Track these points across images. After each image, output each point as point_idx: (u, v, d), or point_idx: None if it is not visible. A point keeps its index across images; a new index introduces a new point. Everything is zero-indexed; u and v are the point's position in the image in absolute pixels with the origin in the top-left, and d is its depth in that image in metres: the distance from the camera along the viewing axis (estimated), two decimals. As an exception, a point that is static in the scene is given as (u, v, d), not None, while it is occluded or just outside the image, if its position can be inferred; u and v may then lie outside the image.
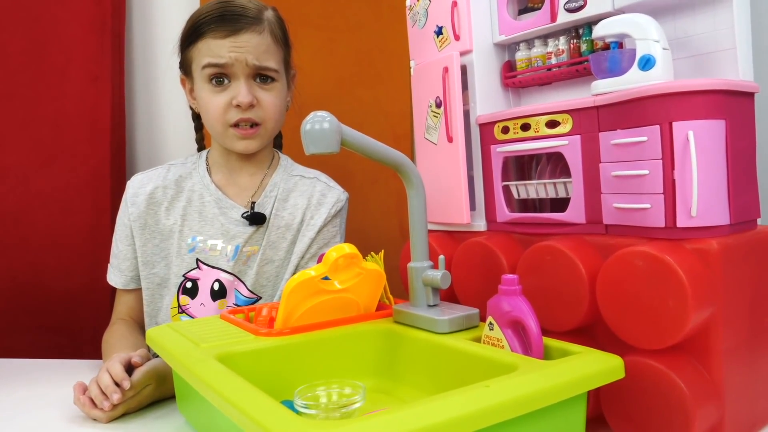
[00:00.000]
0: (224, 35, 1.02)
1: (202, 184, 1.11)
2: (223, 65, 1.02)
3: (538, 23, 0.80)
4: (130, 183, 1.13)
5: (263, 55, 1.04)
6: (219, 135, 1.07)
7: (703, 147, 0.62)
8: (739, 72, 0.66)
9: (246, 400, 0.51)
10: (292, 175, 1.14)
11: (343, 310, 0.77)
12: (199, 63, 1.04)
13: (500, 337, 0.65)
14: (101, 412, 0.77)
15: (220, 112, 1.04)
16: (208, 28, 1.03)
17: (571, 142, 0.72)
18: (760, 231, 0.68)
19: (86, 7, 1.51)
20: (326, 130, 0.64)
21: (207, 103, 1.05)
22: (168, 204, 1.10)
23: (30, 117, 1.49)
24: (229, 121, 1.04)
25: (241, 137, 1.05)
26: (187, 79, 1.11)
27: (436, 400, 0.50)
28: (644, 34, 0.66)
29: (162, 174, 1.13)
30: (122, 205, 1.12)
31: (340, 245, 0.73)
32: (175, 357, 0.67)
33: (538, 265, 0.72)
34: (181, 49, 1.09)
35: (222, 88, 1.04)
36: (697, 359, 0.62)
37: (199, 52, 1.04)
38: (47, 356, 1.18)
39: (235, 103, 1.03)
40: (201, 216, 1.09)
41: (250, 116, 1.04)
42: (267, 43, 1.05)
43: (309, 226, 1.10)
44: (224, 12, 1.03)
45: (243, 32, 1.02)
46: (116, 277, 1.12)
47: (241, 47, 1.02)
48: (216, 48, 1.02)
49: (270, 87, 1.07)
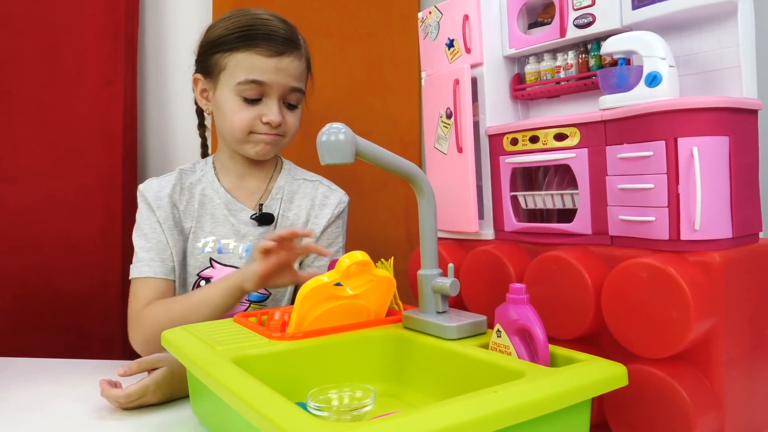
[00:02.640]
0: (270, 54, 1.05)
1: (212, 188, 1.14)
2: (262, 83, 1.05)
3: (548, 38, 0.82)
4: (146, 187, 1.14)
5: (298, 78, 1.10)
6: (238, 141, 1.10)
7: (707, 162, 0.63)
8: (743, 89, 0.68)
9: (263, 401, 0.53)
10: (295, 178, 1.19)
11: (355, 316, 0.79)
12: (235, 74, 1.06)
13: (508, 344, 0.67)
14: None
15: (246, 123, 1.07)
16: (253, 43, 1.05)
17: (579, 154, 0.74)
18: (761, 244, 0.69)
19: (100, 12, 1.53)
20: (342, 141, 0.66)
21: (233, 113, 1.07)
22: (184, 207, 1.13)
23: (43, 120, 1.52)
24: (253, 129, 1.08)
25: (263, 141, 1.09)
26: (205, 80, 1.12)
27: (447, 404, 0.51)
28: (651, 51, 0.68)
29: (175, 179, 1.15)
30: (145, 210, 1.12)
31: (353, 252, 0.75)
32: (191, 359, 0.69)
33: (545, 274, 0.74)
34: (210, 51, 1.09)
35: (253, 104, 1.07)
36: (699, 368, 0.64)
37: (238, 63, 1.06)
38: (58, 356, 1.20)
39: (265, 121, 1.07)
40: (213, 218, 1.13)
41: (275, 132, 1.09)
42: (303, 68, 1.11)
43: (313, 226, 1.14)
44: (267, 31, 1.06)
45: (287, 55, 1.07)
46: (158, 266, 1.08)
47: (283, 69, 1.06)
48: (260, 65, 1.05)
49: (294, 110, 1.12)
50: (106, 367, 1.05)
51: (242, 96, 1.06)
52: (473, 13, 0.85)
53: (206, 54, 1.10)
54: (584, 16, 0.77)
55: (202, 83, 1.13)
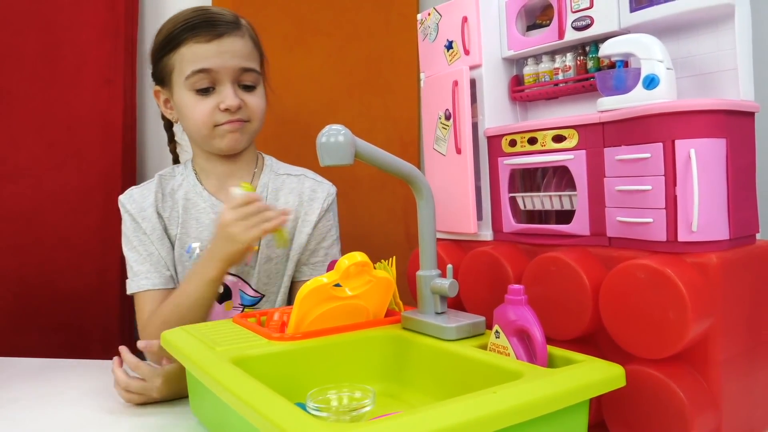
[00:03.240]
0: (208, 39, 1.03)
1: (194, 192, 1.12)
2: (209, 70, 1.03)
3: (546, 40, 0.83)
4: (128, 199, 1.11)
5: (247, 58, 1.07)
6: (204, 138, 1.08)
7: (704, 164, 0.64)
8: (740, 92, 0.68)
9: (263, 402, 0.54)
10: (278, 174, 1.17)
11: (354, 316, 0.79)
12: (183, 71, 1.04)
13: (506, 345, 0.67)
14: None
15: (206, 115, 1.05)
16: (191, 33, 1.03)
17: (577, 156, 0.74)
18: (758, 246, 0.70)
19: (99, 11, 1.54)
20: (341, 143, 0.66)
21: (191, 109, 1.06)
22: (168, 215, 1.11)
23: (43, 119, 1.52)
24: (216, 122, 1.06)
25: (229, 130, 1.06)
26: (163, 90, 1.11)
27: (446, 404, 0.52)
28: (649, 54, 0.68)
29: (156, 186, 1.13)
30: (130, 222, 1.10)
31: (352, 254, 0.75)
32: (191, 360, 0.69)
33: (543, 275, 0.74)
34: (157, 59, 1.09)
35: (207, 95, 1.05)
36: (696, 369, 0.64)
37: (182, 58, 1.04)
38: (57, 354, 1.20)
39: (223, 108, 1.04)
40: (198, 223, 1.10)
41: (238, 116, 1.06)
42: (249, 46, 1.08)
43: (305, 222, 1.13)
44: (205, 17, 1.05)
45: (226, 36, 1.04)
46: (155, 278, 1.07)
47: (226, 51, 1.04)
48: (201, 52, 1.03)
49: (253, 91, 1.09)
50: (105, 367, 1.05)
51: (194, 89, 1.04)
52: (472, 15, 0.86)
53: (156, 62, 1.09)
54: (582, 18, 0.77)
55: (162, 93, 1.12)
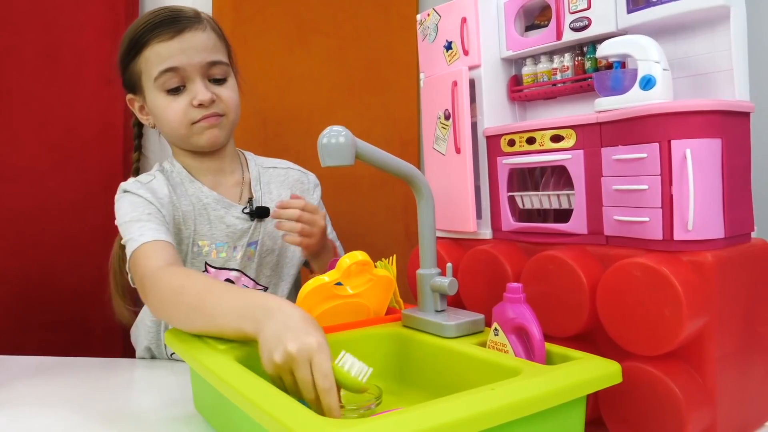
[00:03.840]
0: (170, 36, 1.01)
1: (194, 188, 1.10)
2: (176, 68, 1.01)
3: (544, 40, 0.83)
4: (136, 187, 1.02)
5: (212, 50, 1.05)
6: (183, 137, 1.06)
7: (699, 164, 0.65)
8: (736, 92, 0.69)
9: (267, 399, 0.55)
10: (264, 167, 1.18)
11: (355, 315, 0.80)
12: (150, 73, 1.02)
13: (505, 343, 0.68)
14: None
15: (181, 114, 1.03)
16: (152, 34, 1.01)
17: (575, 156, 0.75)
18: (753, 244, 0.71)
19: (99, 11, 1.54)
20: (342, 144, 0.67)
21: (165, 110, 1.04)
22: (184, 209, 1.07)
23: (44, 119, 1.53)
24: (192, 119, 1.04)
25: (207, 126, 1.04)
26: (136, 97, 1.09)
27: (445, 401, 0.53)
28: (645, 55, 0.69)
29: (164, 179, 1.08)
30: (141, 202, 0.99)
31: (353, 252, 0.76)
32: (195, 358, 0.70)
33: (541, 273, 0.75)
34: (125, 66, 1.07)
35: (178, 94, 1.03)
36: (692, 365, 0.65)
37: (147, 61, 1.03)
38: (59, 353, 1.20)
39: (196, 103, 1.02)
40: (209, 220, 1.08)
41: (214, 110, 1.05)
42: (213, 38, 1.06)
43: None
44: (164, 16, 1.03)
45: (187, 31, 1.02)
46: (164, 234, 0.94)
47: (190, 47, 1.02)
48: (165, 51, 1.01)
49: (224, 84, 1.07)
50: (107, 365, 1.06)
51: (165, 90, 1.03)
52: (471, 16, 0.86)
53: (125, 70, 1.07)
54: (580, 19, 0.78)
55: (136, 101, 1.10)
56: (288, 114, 1.55)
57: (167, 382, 0.98)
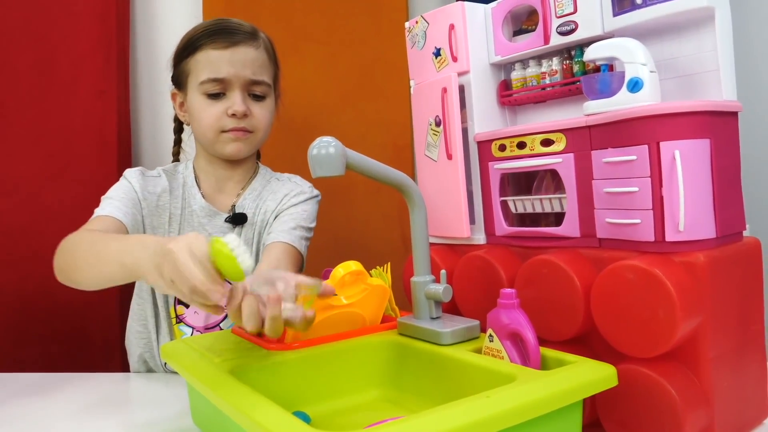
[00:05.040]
0: (224, 46, 1.07)
1: (189, 194, 1.15)
2: (221, 80, 1.07)
3: (532, 45, 0.84)
4: (136, 178, 1.10)
5: (259, 69, 1.10)
6: (210, 141, 1.11)
7: (689, 165, 0.65)
8: (723, 92, 0.70)
9: (260, 412, 0.55)
10: (268, 180, 1.21)
11: (350, 324, 0.80)
12: (197, 76, 1.08)
13: (500, 349, 0.68)
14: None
15: (214, 119, 1.09)
16: (208, 40, 1.07)
17: (565, 159, 0.75)
18: (745, 243, 0.71)
19: (92, 23, 1.55)
20: (332, 154, 0.68)
21: (201, 112, 1.09)
22: (168, 213, 1.13)
23: (39, 131, 1.53)
24: (222, 127, 1.09)
25: (234, 138, 1.10)
26: (180, 93, 1.15)
27: (439, 411, 0.53)
28: (632, 57, 0.70)
29: (165, 182, 1.14)
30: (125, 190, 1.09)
31: (347, 263, 0.77)
32: (190, 372, 0.70)
33: (535, 277, 0.75)
34: (177, 63, 1.13)
35: (217, 100, 1.08)
36: (687, 366, 0.66)
37: (197, 64, 1.08)
38: (58, 366, 1.20)
39: (231, 113, 1.07)
40: (192, 227, 1.13)
41: (244, 125, 1.09)
42: (263, 58, 1.11)
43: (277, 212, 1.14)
44: (223, 26, 1.09)
45: (241, 45, 1.08)
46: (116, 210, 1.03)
47: (239, 60, 1.07)
48: (216, 59, 1.07)
49: (262, 102, 1.12)
50: (105, 379, 1.06)
51: (206, 94, 1.08)
52: (459, 22, 0.87)
53: (176, 66, 1.13)
54: (567, 23, 0.79)
55: (179, 96, 1.15)
56: (282, 122, 1.55)
57: (165, 395, 0.98)
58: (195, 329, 1.11)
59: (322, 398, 0.74)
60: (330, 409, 0.74)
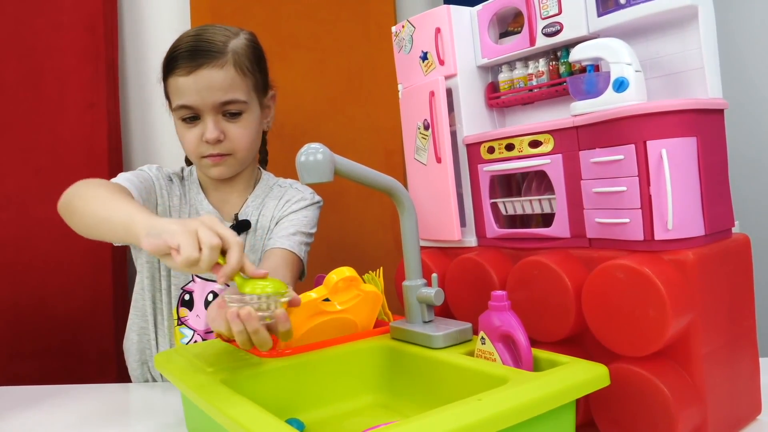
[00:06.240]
0: (186, 72, 1.03)
1: (196, 199, 1.16)
2: (190, 107, 1.05)
3: (518, 47, 0.84)
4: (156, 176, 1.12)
5: (229, 88, 1.05)
6: (196, 164, 1.14)
7: (676, 164, 0.65)
8: (708, 90, 0.70)
9: (253, 421, 0.54)
10: (270, 186, 1.20)
11: (343, 330, 0.80)
12: (173, 101, 1.08)
13: (492, 351, 0.68)
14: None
15: (193, 145, 1.08)
16: (175, 65, 1.05)
17: (554, 160, 0.76)
18: (734, 239, 0.71)
19: (80, 36, 1.54)
20: (320, 161, 0.68)
21: (181, 137, 1.10)
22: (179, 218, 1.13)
23: (28, 145, 1.52)
24: (201, 153, 1.09)
25: (212, 164, 1.09)
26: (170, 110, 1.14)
27: (432, 414, 0.53)
28: (617, 57, 0.70)
29: (178, 189, 1.15)
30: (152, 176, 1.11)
31: (340, 269, 0.77)
32: (183, 382, 0.70)
33: (526, 279, 0.75)
34: (163, 80, 1.11)
35: (193, 124, 1.07)
36: (679, 364, 0.66)
37: (170, 88, 1.08)
38: (53, 379, 1.20)
39: (204, 140, 1.06)
40: None
41: (219, 150, 1.08)
42: (230, 76, 1.05)
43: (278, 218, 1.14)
44: (186, 48, 1.05)
45: (204, 68, 1.03)
46: (126, 181, 1.03)
47: (203, 87, 1.03)
48: (182, 86, 1.04)
49: (238, 120, 1.08)
50: (100, 390, 1.06)
51: (181, 119, 1.08)
52: (445, 26, 0.87)
53: (163, 82, 1.11)
54: (552, 24, 0.79)
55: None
56: (272, 129, 1.56)
57: (160, 405, 0.98)
58: (196, 332, 1.11)
59: (316, 405, 0.74)
60: (324, 416, 0.73)
